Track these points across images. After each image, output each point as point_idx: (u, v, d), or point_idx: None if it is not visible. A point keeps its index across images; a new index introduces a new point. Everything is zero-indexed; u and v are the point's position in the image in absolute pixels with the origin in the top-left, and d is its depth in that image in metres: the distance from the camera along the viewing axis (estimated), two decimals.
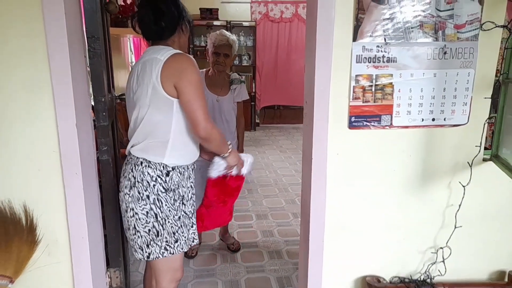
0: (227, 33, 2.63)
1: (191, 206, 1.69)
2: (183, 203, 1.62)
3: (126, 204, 1.56)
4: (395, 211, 1.76)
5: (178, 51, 1.48)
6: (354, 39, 1.58)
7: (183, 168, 1.59)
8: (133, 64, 2.81)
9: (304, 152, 1.78)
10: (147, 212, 1.51)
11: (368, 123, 1.65)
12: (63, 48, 1.42)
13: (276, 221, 3.41)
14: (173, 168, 1.55)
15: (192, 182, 1.68)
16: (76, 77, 1.50)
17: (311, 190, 1.70)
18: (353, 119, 1.65)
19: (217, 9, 6.63)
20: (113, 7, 1.96)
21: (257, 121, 7.35)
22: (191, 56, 1.51)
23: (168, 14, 1.48)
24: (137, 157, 1.54)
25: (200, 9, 6.51)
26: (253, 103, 6.97)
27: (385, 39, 1.60)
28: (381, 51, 1.61)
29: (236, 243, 2.89)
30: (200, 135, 1.46)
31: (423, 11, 1.60)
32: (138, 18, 1.53)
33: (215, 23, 6.55)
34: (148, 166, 1.52)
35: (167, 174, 1.54)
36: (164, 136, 1.51)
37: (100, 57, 1.65)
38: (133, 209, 1.54)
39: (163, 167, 1.53)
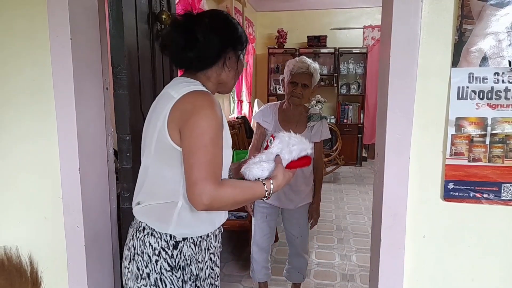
0: (308, 60, 2.23)
1: None
2: (196, 285, 1.19)
3: (125, 280, 1.21)
4: None
5: (202, 89, 1.10)
6: (455, 64, 1.07)
7: (201, 237, 1.19)
8: None
9: (373, 228, 1.22)
10: None
11: (477, 194, 1.14)
12: (67, 81, 1.21)
13: (365, 287, 2.76)
14: (183, 239, 1.16)
15: (213, 254, 1.24)
16: (86, 111, 1.27)
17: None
18: (451, 185, 1.12)
19: (326, 36, 6.29)
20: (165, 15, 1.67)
21: (364, 155, 6.61)
22: (215, 99, 1.08)
23: (204, 44, 1.09)
24: (140, 221, 1.19)
25: (307, 37, 6.27)
26: (360, 135, 6.31)
27: (510, 63, 1.01)
28: (503, 81, 1.04)
29: None
30: (195, 203, 1.03)
31: None
32: (164, 39, 1.17)
33: (322, 50, 6.24)
34: (151, 234, 1.15)
35: (175, 247, 1.14)
36: (172, 198, 1.14)
37: (126, 89, 1.40)
38: None
39: (169, 237, 1.15)
